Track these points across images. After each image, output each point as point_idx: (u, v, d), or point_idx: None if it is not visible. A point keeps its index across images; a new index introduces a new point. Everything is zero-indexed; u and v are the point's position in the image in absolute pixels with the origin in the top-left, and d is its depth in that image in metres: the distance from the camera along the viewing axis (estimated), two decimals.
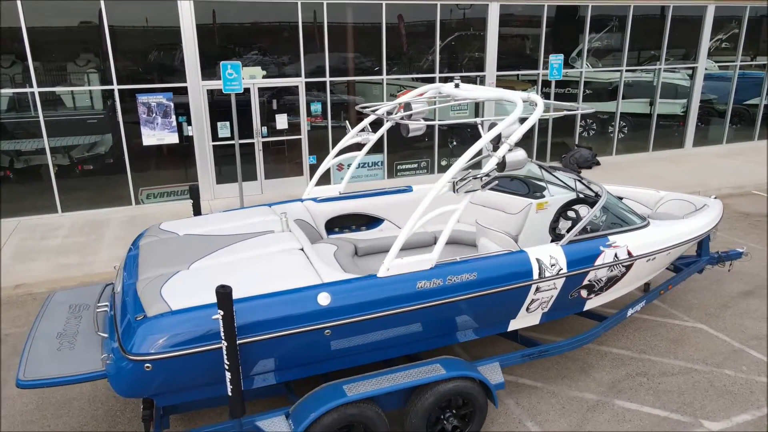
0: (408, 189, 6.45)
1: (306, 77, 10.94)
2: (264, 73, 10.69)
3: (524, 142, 13.20)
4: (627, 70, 13.72)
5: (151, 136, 10.26)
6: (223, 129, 10.70)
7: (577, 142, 13.69)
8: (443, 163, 12.58)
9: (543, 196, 6.11)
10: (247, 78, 10.58)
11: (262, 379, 4.12)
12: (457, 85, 5.12)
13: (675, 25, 13.72)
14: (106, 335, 4.10)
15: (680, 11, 13.67)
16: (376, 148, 11.91)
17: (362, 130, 6.18)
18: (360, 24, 11.12)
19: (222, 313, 3.48)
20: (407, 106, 5.79)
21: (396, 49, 11.47)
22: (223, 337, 3.54)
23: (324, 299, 3.95)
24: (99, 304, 4.56)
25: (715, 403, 5.12)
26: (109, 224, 9.61)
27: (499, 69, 12.33)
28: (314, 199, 6.05)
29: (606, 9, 12.94)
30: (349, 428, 4.09)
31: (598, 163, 13.15)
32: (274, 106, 10.91)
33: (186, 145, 10.54)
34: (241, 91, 8.61)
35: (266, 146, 11.03)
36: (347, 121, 6.71)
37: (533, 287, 4.57)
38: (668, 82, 14.46)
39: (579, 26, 12.92)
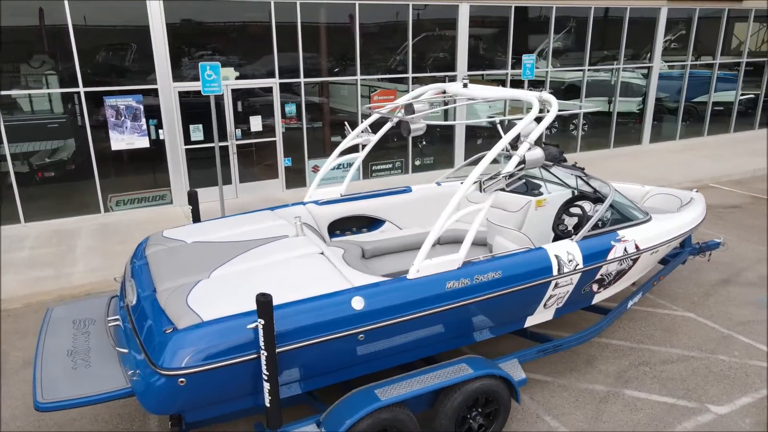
0: (407, 189, 6.44)
1: (280, 78, 10.75)
2: (237, 74, 10.44)
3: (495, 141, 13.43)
4: (589, 70, 14.17)
5: (120, 141, 9.84)
6: (196, 132, 10.39)
7: (544, 140, 14.03)
8: (417, 163, 12.63)
9: (541, 194, 6.22)
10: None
11: (288, 389, 4.01)
12: (465, 85, 5.15)
13: (631, 27, 14.26)
14: (125, 350, 3.89)
15: (636, 13, 14.22)
16: (352, 148, 11.81)
17: (362, 131, 6.11)
18: (333, 24, 11.02)
19: (263, 321, 3.37)
20: (409, 106, 5.76)
21: (369, 50, 11.43)
22: (263, 347, 3.43)
23: (358, 303, 3.89)
24: (109, 318, 4.33)
25: (716, 387, 5.35)
26: (79, 234, 9.15)
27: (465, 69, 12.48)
28: (316, 202, 5.95)
29: (567, 11, 13.31)
30: None
31: (564, 160, 13.48)
32: (248, 108, 10.67)
33: (157, 149, 10.17)
34: (221, 93, 8.37)
35: (240, 149, 10.78)
36: (347, 123, 6.62)
37: (552, 283, 4.65)
38: (625, 81, 15.02)
39: (540, 27, 13.23)
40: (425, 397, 4.29)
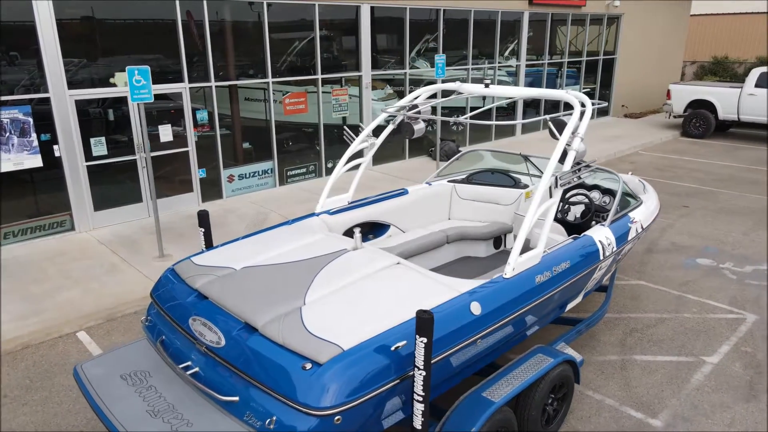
0: (404, 192, 6.38)
1: (190, 82, 9.86)
2: None
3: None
4: (472, 68, 15.13)
5: (5, 161, 8.26)
6: (98, 146, 9.10)
7: (440, 137, 14.68)
8: (329, 165, 12.44)
9: (527, 186, 6.59)
10: (122, 85, 9.15)
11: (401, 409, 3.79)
12: (487, 85, 5.26)
13: (501, 28, 15.53)
14: (234, 398, 3.37)
15: (506, 16, 15.52)
16: (267, 154, 11.29)
17: (367, 135, 5.93)
18: (242, 23, 10.38)
19: (425, 340, 3.18)
20: (413, 107, 5.73)
21: (278, 51, 10.97)
22: (421, 366, 3.23)
23: (476, 308, 3.82)
24: (181, 367, 3.69)
25: (698, 341, 6.18)
26: None
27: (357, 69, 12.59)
28: (328, 212, 5.64)
29: (454, 13, 14.07)
30: None
31: (459, 152, 14.33)
32: (156, 117, 9.62)
33: (52, 168, 8.72)
34: (152, 100, 7.45)
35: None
36: (346, 129, 6.34)
37: (598, 267, 5.00)
38: (496, 79, 16.30)
39: (431, 28, 13.82)
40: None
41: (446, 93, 12.13)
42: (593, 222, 5.86)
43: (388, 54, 13.07)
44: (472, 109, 15.36)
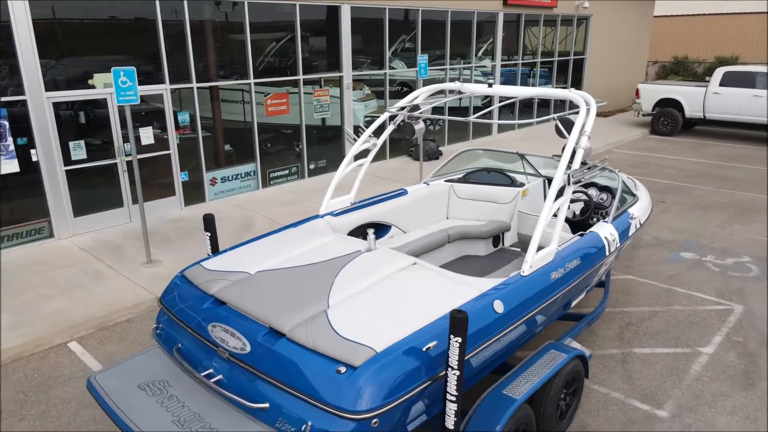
0: (404, 192, 6.37)
1: (171, 84, 9.63)
2: None
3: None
4: (450, 69, 15.22)
5: None
6: (77, 149, 8.81)
7: (425, 138, 14.71)
8: (311, 166, 12.34)
9: (523, 184, 6.67)
10: (101, 86, 8.89)
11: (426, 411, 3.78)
12: (490, 85, 5.29)
13: (477, 29, 15.68)
14: (264, 405, 3.30)
15: (481, 17, 15.67)
16: (249, 156, 11.12)
17: (369, 135, 5.89)
18: (223, 24, 10.21)
19: (459, 339, 3.17)
20: (415, 108, 5.73)
21: (259, 52, 10.83)
22: (455, 366, 3.23)
23: (499, 306, 3.84)
24: (203, 375, 3.59)
25: (691, 333, 6.35)
26: None
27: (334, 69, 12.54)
28: (332, 213, 5.58)
29: (432, 14, 14.13)
30: None
31: (441, 153, 14.41)
32: (135, 119, 9.37)
33: (30, 173, 8.39)
34: (138, 102, 7.25)
35: (131, 166, 9.41)
36: (347, 130, 6.28)
37: (604, 263, 5.09)
38: (467, 79, 16.42)
39: (404, 29, 13.85)
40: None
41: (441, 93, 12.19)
42: (594, 219, 5.97)
43: (365, 54, 13.04)
44: (476, 109, 15.42)
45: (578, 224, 6.05)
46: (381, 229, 6.08)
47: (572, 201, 6.15)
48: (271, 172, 11.60)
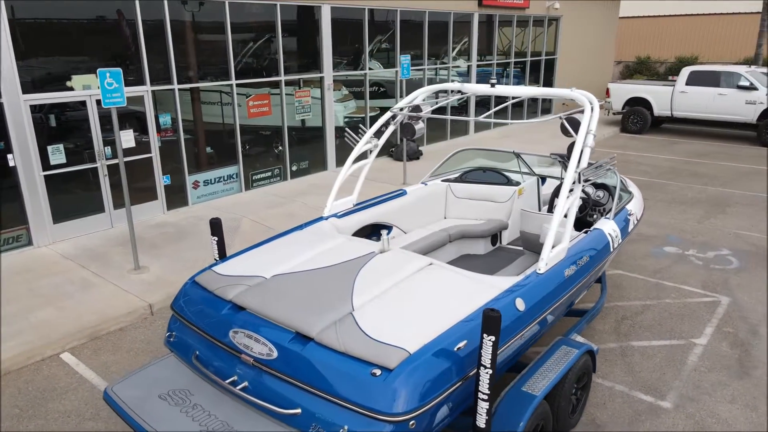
0: (403, 192, 6.36)
1: (151, 85, 9.41)
2: None
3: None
4: (429, 69, 15.30)
5: None
6: (56, 154, 8.52)
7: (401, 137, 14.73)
8: (294, 168, 12.22)
9: (519, 183, 6.74)
10: (80, 88, 8.62)
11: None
12: (493, 85, 5.32)
13: (454, 29, 15.81)
14: (296, 411, 3.25)
15: (457, 17, 15.79)
16: (231, 159, 10.95)
17: (371, 136, 5.86)
18: (204, 23, 10.02)
19: (492, 338, 3.19)
20: (416, 108, 5.73)
21: (241, 53, 10.67)
22: (488, 364, 3.24)
23: (520, 304, 3.87)
24: (227, 382, 3.51)
25: (683, 325, 6.53)
26: None
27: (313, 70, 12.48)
28: (336, 215, 5.54)
29: (409, 14, 14.17)
30: None
31: (422, 153, 14.46)
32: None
33: (6, 178, 8.08)
34: (125, 105, 7.04)
35: (112, 170, 9.15)
36: (348, 131, 6.23)
37: (608, 259, 5.18)
38: (444, 79, 16.54)
39: (382, 29, 13.87)
40: None
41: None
42: (594, 216, 6.08)
43: (343, 55, 12.98)
44: (453, 109, 15.50)
45: (578, 222, 6.15)
46: (383, 230, 6.06)
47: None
48: (254, 174, 11.44)
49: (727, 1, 29.72)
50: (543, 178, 6.98)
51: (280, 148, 12.01)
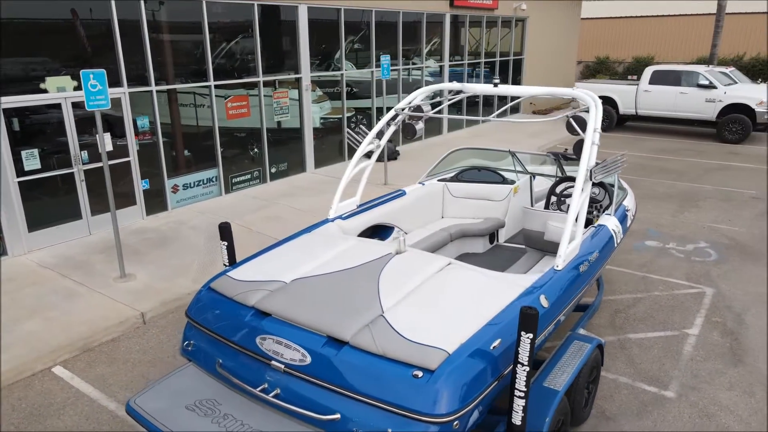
0: (403, 193, 6.35)
1: (129, 87, 9.12)
2: (75, 83, 8.51)
3: (334, 137, 13.60)
4: (403, 69, 15.32)
5: None
6: (30, 159, 8.16)
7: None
8: (273, 170, 12.05)
9: (514, 182, 6.82)
10: (54, 91, 8.29)
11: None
12: (495, 85, 5.36)
13: (426, 29, 15.88)
14: (335, 416, 3.19)
15: (430, 18, 15.88)
16: (211, 162, 10.71)
17: (374, 137, 5.82)
18: (181, 24, 9.77)
19: (531, 335, 3.21)
20: (418, 108, 5.73)
21: (218, 54, 10.46)
22: (525, 362, 3.26)
23: (544, 301, 3.91)
24: (257, 390, 3.42)
25: (675, 316, 6.73)
26: None
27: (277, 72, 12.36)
28: (341, 217, 5.48)
29: (384, 15, 14.16)
30: None
31: (399, 153, 14.48)
32: (90, 125, 8.80)
33: None
34: (109, 107, 6.80)
35: (89, 174, 8.83)
36: (349, 132, 6.16)
37: (612, 255, 5.29)
38: (417, 79, 16.62)
39: (356, 30, 13.83)
40: None
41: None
42: (594, 213, 6.20)
43: (318, 56, 12.88)
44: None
45: None
46: (384, 230, 6.04)
47: (568, 196, 6.36)
48: (234, 177, 11.23)
49: (680, 1, 30.83)
50: (534, 176, 7.08)
51: (256, 150, 11.82)
